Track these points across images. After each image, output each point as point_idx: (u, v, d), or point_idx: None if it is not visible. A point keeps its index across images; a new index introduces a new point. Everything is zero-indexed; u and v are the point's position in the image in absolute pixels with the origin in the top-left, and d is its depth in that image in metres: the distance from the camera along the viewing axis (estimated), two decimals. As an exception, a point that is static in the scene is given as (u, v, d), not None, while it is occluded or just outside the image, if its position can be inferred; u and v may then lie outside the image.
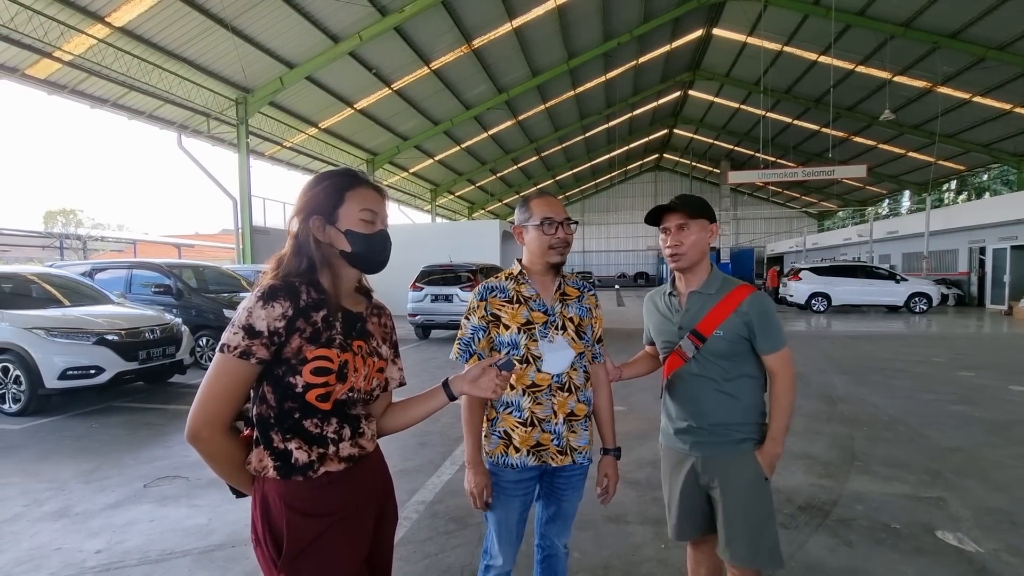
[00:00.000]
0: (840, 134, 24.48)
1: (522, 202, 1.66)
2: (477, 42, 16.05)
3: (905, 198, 33.81)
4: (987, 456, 3.95)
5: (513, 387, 1.58)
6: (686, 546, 1.91)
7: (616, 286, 41.86)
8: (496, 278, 1.68)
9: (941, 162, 24.22)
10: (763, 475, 1.63)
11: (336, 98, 16.38)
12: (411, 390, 1.37)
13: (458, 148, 24.34)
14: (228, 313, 7.55)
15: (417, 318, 10.77)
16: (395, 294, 7.09)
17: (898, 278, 17.03)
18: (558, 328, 1.60)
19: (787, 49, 19.39)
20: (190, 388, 6.61)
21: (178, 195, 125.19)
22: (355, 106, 17.18)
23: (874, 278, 17.06)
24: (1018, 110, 18.28)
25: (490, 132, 23.84)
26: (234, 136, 14.72)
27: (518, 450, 1.58)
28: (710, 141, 34.63)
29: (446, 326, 10.65)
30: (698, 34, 21.47)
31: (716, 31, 21.04)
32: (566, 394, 1.60)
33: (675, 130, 35.54)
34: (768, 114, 24.72)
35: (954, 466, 3.74)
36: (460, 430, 1.63)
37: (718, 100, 27.43)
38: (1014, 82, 16.60)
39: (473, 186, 32.06)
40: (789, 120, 25.73)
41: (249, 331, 1.04)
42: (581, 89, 22.82)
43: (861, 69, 18.93)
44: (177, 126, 14.26)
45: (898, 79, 18.55)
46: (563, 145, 30.75)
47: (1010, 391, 6.04)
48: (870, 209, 31.95)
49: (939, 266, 21.27)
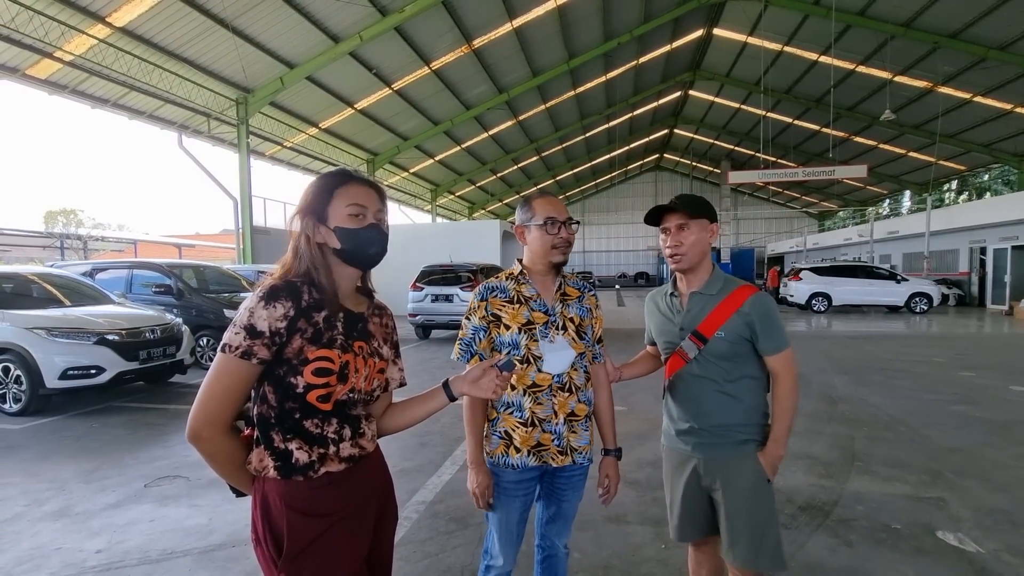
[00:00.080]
0: (840, 134, 24.45)
1: (524, 202, 1.66)
2: (477, 42, 16.04)
3: (906, 198, 33.77)
4: (987, 456, 3.95)
5: (514, 387, 1.58)
6: (686, 546, 1.91)
7: (616, 286, 41.88)
8: (496, 278, 1.67)
9: (942, 162, 24.20)
10: (765, 477, 1.62)
11: (336, 98, 16.37)
12: (411, 390, 1.37)
13: (458, 148, 24.32)
14: (229, 313, 7.56)
15: (417, 318, 10.78)
16: (395, 294, 7.09)
17: (899, 278, 17.00)
18: (559, 328, 1.60)
19: (787, 49, 19.37)
20: (190, 388, 6.61)
21: (179, 195, 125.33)
22: (355, 106, 17.17)
23: (875, 278, 17.04)
24: (1019, 110, 18.26)
25: (490, 132, 23.82)
26: (234, 136, 14.72)
27: (519, 450, 1.58)
28: (710, 141, 34.59)
29: (446, 326, 10.65)
30: (698, 34, 21.45)
31: (716, 31, 21.02)
32: (567, 394, 1.60)
33: (675, 130, 35.51)
34: (768, 114, 24.69)
35: (954, 466, 3.74)
36: (460, 430, 1.64)
37: (718, 100, 27.40)
38: (1015, 82, 16.59)
39: (473, 186, 32.04)
40: (789, 120, 25.72)
41: (251, 331, 1.04)
42: (581, 89, 22.79)
43: (861, 69, 18.91)
44: (178, 126, 14.26)
45: (898, 79, 18.53)
46: (563, 145, 30.72)
47: (1011, 391, 6.04)
48: (871, 209, 31.94)
49: (940, 266, 21.25)
